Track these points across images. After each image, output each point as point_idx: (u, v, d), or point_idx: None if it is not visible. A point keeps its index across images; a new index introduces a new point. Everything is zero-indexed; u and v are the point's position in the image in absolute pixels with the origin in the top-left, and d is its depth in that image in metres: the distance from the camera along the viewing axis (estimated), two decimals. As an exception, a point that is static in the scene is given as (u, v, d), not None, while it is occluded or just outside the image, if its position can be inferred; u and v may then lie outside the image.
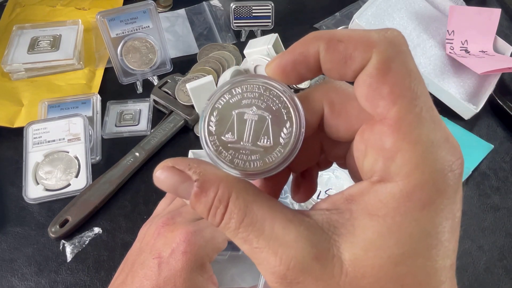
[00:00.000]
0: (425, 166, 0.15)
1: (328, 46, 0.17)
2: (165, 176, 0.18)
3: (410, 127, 0.16)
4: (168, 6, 0.79)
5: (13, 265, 0.47)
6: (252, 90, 0.19)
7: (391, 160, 0.16)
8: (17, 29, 0.70)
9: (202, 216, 0.18)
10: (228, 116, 0.19)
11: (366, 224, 0.16)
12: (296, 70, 0.18)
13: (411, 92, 0.16)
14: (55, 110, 0.59)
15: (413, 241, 0.16)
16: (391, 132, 0.16)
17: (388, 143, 0.16)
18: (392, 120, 0.16)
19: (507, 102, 0.61)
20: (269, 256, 0.16)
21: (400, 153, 0.16)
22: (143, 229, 0.36)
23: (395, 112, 0.16)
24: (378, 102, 0.16)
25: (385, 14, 0.63)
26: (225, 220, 0.17)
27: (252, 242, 0.17)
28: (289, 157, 0.19)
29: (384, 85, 0.16)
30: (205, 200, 0.17)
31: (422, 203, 0.15)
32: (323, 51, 0.17)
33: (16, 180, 0.53)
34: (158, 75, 0.65)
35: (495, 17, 0.65)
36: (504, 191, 0.53)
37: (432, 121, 0.16)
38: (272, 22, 0.72)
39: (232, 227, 0.17)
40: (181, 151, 0.56)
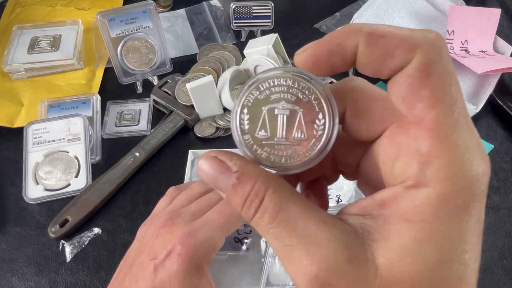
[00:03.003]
0: (463, 171, 0.15)
1: (369, 40, 0.16)
2: (207, 165, 0.18)
3: (448, 132, 0.15)
4: (168, 6, 0.79)
5: (13, 265, 0.47)
6: (280, 83, 0.18)
7: (427, 165, 0.16)
8: (17, 29, 0.70)
9: (237, 209, 0.18)
10: (259, 113, 0.19)
11: (401, 230, 0.16)
12: (330, 62, 0.18)
13: (450, 96, 0.16)
14: (55, 110, 0.59)
15: (450, 246, 0.16)
16: (429, 137, 0.16)
17: (425, 148, 0.16)
18: (430, 123, 0.15)
19: (507, 102, 0.61)
20: (300, 254, 0.16)
21: (437, 158, 0.15)
22: (142, 228, 0.36)
23: (433, 115, 0.15)
24: (416, 104, 0.16)
25: (385, 14, 0.63)
26: (258, 214, 0.17)
27: (284, 239, 0.17)
28: (325, 149, 0.18)
29: (425, 87, 0.15)
30: (242, 192, 0.17)
31: (459, 208, 0.15)
32: (362, 45, 0.16)
33: (16, 180, 0.53)
34: (158, 75, 0.65)
35: (495, 17, 0.65)
36: (504, 191, 0.53)
37: (468, 127, 0.16)
38: (272, 22, 0.72)
39: (265, 221, 0.17)
40: (181, 151, 0.56)
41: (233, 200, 0.18)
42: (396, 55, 0.16)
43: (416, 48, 0.16)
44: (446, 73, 0.16)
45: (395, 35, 0.16)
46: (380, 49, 0.16)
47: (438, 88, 0.15)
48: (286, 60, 0.63)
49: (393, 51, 0.16)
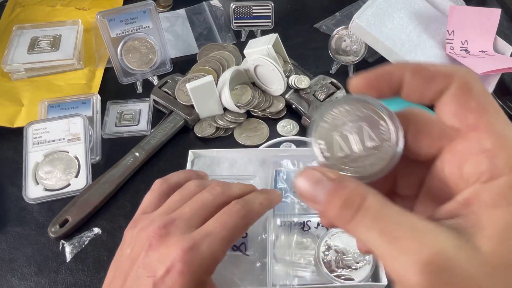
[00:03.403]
0: None
1: (414, 70, 0.20)
2: (304, 178, 0.20)
3: (503, 130, 0.18)
4: (168, 6, 0.79)
5: (13, 265, 0.47)
6: (340, 111, 0.22)
7: (495, 158, 0.18)
8: (17, 29, 0.70)
9: (331, 213, 0.19)
10: (331, 139, 0.22)
11: (493, 218, 0.17)
12: (380, 86, 0.21)
13: (493, 106, 0.19)
14: (55, 110, 0.59)
15: None
16: (489, 136, 0.18)
17: (489, 145, 0.18)
18: (486, 126, 0.18)
19: (507, 102, 0.61)
20: (411, 244, 0.17)
21: (502, 150, 0.18)
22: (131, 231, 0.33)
23: (486, 120, 0.18)
24: (467, 115, 0.19)
25: (385, 14, 0.63)
26: (361, 212, 0.18)
27: (391, 233, 0.17)
28: (399, 144, 0.21)
29: (470, 100, 0.19)
30: (342, 193, 0.19)
31: None
32: (408, 73, 0.20)
33: (16, 180, 0.53)
34: (158, 75, 0.65)
35: (495, 17, 0.65)
36: (504, 191, 0.53)
37: (506, 119, 0.19)
38: (272, 22, 0.72)
39: (369, 218, 0.18)
40: (181, 151, 0.56)
41: (332, 203, 0.19)
42: (437, 80, 0.19)
43: (453, 74, 0.19)
44: (484, 90, 0.19)
45: (434, 65, 0.20)
46: (423, 76, 0.20)
47: (481, 100, 0.19)
48: (286, 60, 0.63)
49: (435, 77, 0.19)
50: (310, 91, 0.60)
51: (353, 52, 0.64)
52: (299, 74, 0.63)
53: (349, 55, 0.65)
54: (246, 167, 0.51)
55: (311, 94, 0.60)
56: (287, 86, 0.61)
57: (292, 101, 0.60)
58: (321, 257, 0.41)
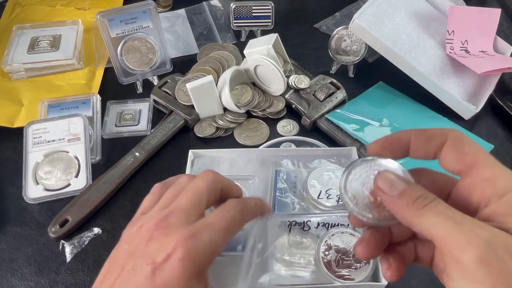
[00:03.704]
0: None
1: (417, 133, 0.26)
2: (390, 174, 0.26)
3: (495, 163, 0.24)
4: (168, 6, 0.79)
5: (13, 265, 0.47)
6: (362, 169, 0.27)
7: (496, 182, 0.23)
8: (17, 29, 0.70)
9: (403, 203, 0.24)
10: (359, 190, 0.27)
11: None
12: (391, 148, 0.27)
13: (482, 150, 0.25)
14: (55, 110, 0.59)
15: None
16: (486, 168, 0.24)
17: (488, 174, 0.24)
18: (482, 162, 0.24)
19: (507, 102, 0.61)
20: (475, 226, 0.21)
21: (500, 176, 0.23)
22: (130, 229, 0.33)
23: (481, 158, 0.24)
24: (465, 158, 0.25)
25: (385, 14, 0.63)
26: (434, 202, 0.23)
27: (456, 218, 0.22)
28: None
29: (464, 147, 0.25)
30: (420, 188, 0.24)
31: None
32: (413, 135, 0.26)
33: (16, 180, 0.53)
34: (158, 75, 0.65)
35: (495, 17, 0.65)
36: (504, 191, 0.53)
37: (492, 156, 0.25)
38: (272, 22, 0.72)
39: (442, 206, 0.23)
40: (181, 151, 0.56)
41: (410, 193, 0.24)
42: (436, 138, 0.26)
43: (447, 132, 0.25)
44: (471, 140, 0.25)
45: (433, 129, 0.26)
46: (425, 136, 0.26)
47: (472, 146, 0.25)
48: (286, 60, 0.63)
49: (434, 136, 0.26)
50: (310, 91, 0.60)
51: (353, 52, 0.64)
52: (299, 74, 0.63)
53: (349, 55, 0.65)
54: (246, 167, 0.51)
55: (311, 94, 0.60)
56: (287, 86, 0.61)
57: (292, 101, 0.60)
58: (321, 257, 0.41)
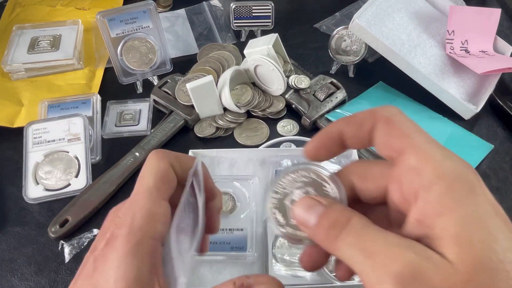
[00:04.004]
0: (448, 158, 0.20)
1: (347, 121, 0.23)
2: (300, 204, 0.23)
3: (425, 146, 0.20)
4: (168, 6, 0.79)
5: (13, 265, 0.47)
6: (288, 181, 0.24)
7: (422, 172, 0.20)
8: (17, 29, 0.70)
9: (321, 234, 0.21)
10: (284, 207, 0.24)
11: (443, 227, 0.18)
12: (327, 147, 0.24)
13: (415, 129, 0.21)
14: (55, 110, 0.59)
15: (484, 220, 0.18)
16: (413, 155, 0.20)
17: (414, 162, 0.20)
18: (410, 147, 0.21)
19: (507, 102, 0.61)
20: (385, 258, 0.18)
21: (426, 163, 0.20)
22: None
23: (409, 142, 0.21)
24: (393, 142, 0.21)
25: (385, 14, 0.63)
26: (346, 230, 0.20)
27: (368, 248, 0.19)
28: (343, 201, 0.23)
29: (393, 130, 0.21)
30: (332, 216, 0.21)
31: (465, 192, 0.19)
32: (343, 124, 0.23)
33: (16, 180, 0.53)
34: (158, 75, 0.65)
35: (495, 17, 0.65)
36: (504, 191, 0.53)
37: (428, 137, 0.21)
38: (272, 22, 0.72)
39: (352, 236, 0.20)
40: (181, 151, 0.55)
41: (322, 224, 0.21)
42: (365, 123, 0.22)
43: (375, 113, 0.22)
44: (404, 118, 0.22)
45: (361, 112, 0.23)
46: (355, 123, 0.23)
47: (403, 127, 0.21)
48: (286, 60, 0.63)
49: (363, 121, 0.23)
50: (310, 91, 0.60)
51: (353, 52, 0.64)
52: (299, 74, 0.63)
53: (349, 55, 0.65)
54: (246, 167, 0.51)
55: (311, 94, 0.60)
56: (287, 86, 0.61)
57: (292, 101, 0.60)
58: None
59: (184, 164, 0.28)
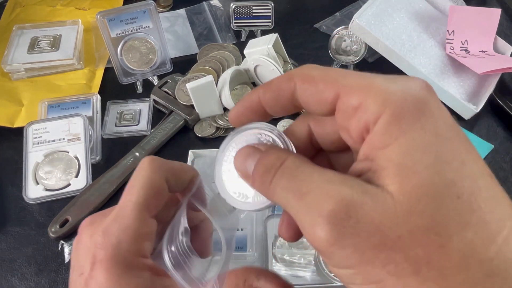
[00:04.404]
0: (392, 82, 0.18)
1: (265, 89, 0.21)
2: (239, 153, 0.21)
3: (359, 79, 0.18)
4: (168, 6, 0.79)
5: (13, 265, 0.47)
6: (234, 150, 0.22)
7: (367, 105, 0.18)
8: (17, 29, 0.70)
9: (257, 181, 0.20)
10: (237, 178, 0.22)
11: (388, 157, 0.17)
12: (250, 112, 0.22)
13: (337, 74, 0.19)
14: (55, 110, 0.59)
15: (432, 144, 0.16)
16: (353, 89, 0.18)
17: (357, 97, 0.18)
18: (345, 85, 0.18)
19: (507, 102, 0.61)
20: (317, 196, 0.17)
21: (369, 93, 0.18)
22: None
23: (342, 82, 0.19)
24: (323, 95, 0.19)
25: (385, 14, 0.63)
26: (278, 173, 0.18)
27: (302, 188, 0.17)
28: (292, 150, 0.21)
29: (318, 82, 0.19)
30: (265, 161, 0.19)
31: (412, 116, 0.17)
32: (261, 93, 0.21)
33: (16, 180, 0.53)
34: (158, 75, 0.65)
35: (495, 17, 0.65)
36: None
37: (361, 73, 0.19)
38: (272, 22, 0.72)
39: (285, 178, 0.18)
40: (181, 151, 0.56)
41: (258, 170, 0.19)
42: (284, 88, 0.20)
43: (294, 74, 0.20)
44: (325, 70, 0.20)
45: (279, 77, 0.21)
46: (272, 91, 0.21)
47: (327, 75, 0.19)
48: (286, 60, 0.63)
49: (281, 85, 0.21)
50: (310, 91, 0.60)
51: (353, 52, 0.64)
52: (299, 74, 0.63)
53: (349, 55, 0.65)
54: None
55: (311, 94, 0.60)
56: (287, 86, 0.61)
57: (292, 101, 0.60)
58: (321, 257, 0.41)
59: (179, 177, 0.26)
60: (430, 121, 0.17)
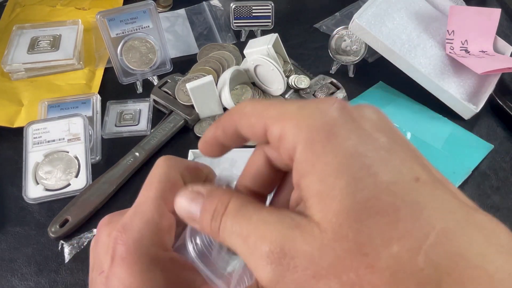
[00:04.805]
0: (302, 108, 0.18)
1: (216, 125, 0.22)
2: (181, 199, 0.21)
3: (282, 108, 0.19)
4: (168, 6, 0.79)
5: (13, 265, 0.47)
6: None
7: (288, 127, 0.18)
8: (17, 29, 0.70)
9: (206, 230, 0.19)
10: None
11: (309, 184, 0.17)
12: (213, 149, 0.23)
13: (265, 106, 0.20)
14: (55, 110, 0.59)
15: (343, 165, 0.16)
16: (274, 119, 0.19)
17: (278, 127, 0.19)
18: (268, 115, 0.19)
19: (507, 102, 0.61)
20: (256, 239, 0.17)
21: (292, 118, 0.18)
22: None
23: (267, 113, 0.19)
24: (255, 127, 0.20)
25: (385, 14, 0.63)
26: (223, 219, 0.19)
27: (242, 231, 0.18)
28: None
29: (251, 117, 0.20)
30: (210, 207, 0.19)
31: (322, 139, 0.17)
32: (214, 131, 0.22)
33: (16, 180, 0.53)
34: (158, 75, 0.65)
35: (495, 17, 0.65)
36: (504, 191, 0.53)
37: (283, 102, 0.19)
38: (272, 22, 0.72)
39: (228, 224, 0.18)
40: (181, 151, 0.56)
41: (204, 217, 0.19)
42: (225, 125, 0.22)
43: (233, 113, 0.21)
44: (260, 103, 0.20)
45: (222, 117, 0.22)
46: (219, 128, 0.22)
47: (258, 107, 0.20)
48: (286, 60, 0.63)
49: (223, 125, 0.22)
50: (310, 91, 0.60)
51: (353, 52, 0.64)
52: (299, 74, 0.63)
53: (349, 55, 0.65)
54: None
55: (311, 94, 0.60)
56: (287, 86, 0.61)
57: (292, 101, 0.60)
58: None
59: (194, 174, 0.27)
60: (338, 141, 0.17)
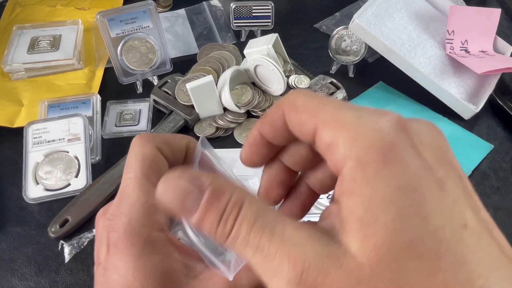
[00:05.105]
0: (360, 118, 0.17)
1: (262, 120, 0.21)
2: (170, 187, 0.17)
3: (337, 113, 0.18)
4: (168, 6, 0.79)
5: (13, 265, 0.47)
6: None
7: (336, 148, 0.17)
8: (17, 29, 0.70)
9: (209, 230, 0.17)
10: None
11: (351, 209, 0.16)
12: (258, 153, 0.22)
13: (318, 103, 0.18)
14: (55, 110, 0.59)
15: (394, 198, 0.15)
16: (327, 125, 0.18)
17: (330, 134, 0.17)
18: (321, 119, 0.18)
19: (507, 102, 0.61)
20: (281, 261, 0.16)
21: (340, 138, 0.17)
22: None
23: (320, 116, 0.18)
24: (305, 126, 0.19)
25: (385, 14, 0.63)
26: (236, 225, 0.17)
27: (263, 249, 0.16)
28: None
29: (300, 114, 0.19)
30: (218, 206, 0.17)
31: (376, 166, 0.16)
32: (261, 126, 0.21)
33: (16, 180, 0.53)
34: (158, 75, 0.65)
35: (495, 17, 0.65)
36: (504, 191, 0.53)
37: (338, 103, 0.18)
38: (272, 22, 0.72)
39: (243, 232, 0.16)
40: (181, 151, 0.56)
41: (208, 217, 0.17)
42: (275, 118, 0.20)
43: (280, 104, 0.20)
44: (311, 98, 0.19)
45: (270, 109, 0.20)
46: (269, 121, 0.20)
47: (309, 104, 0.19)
48: (286, 60, 0.63)
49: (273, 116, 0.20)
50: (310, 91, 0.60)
51: (353, 52, 0.64)
52: (299, 74, 0.63)
53: (349, 55, 0.65)
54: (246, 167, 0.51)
55: (311, 94, 0.60)
56: (287, 86, 0.61)
57: (292, 101, 0.60)
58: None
59: (172, 145, 0.25)
60: (394, 170, 0.15)
